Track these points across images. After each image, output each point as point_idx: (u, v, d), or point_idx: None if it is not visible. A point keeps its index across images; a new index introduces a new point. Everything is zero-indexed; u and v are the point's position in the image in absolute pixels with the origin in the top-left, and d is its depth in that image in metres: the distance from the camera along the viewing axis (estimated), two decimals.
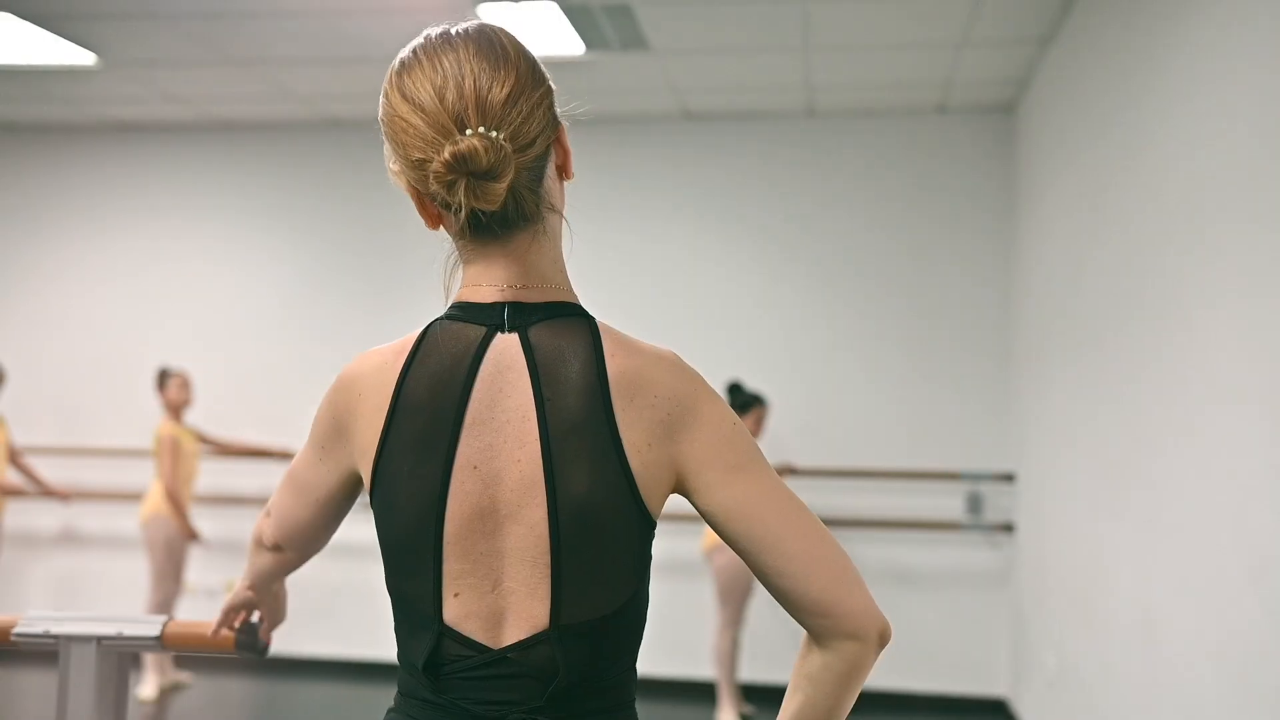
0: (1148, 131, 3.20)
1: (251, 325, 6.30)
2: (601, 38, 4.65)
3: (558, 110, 1.18)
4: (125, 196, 6.47)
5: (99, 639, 1.53)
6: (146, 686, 5.43)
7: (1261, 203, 2.34)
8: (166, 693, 5.53)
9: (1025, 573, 5.16)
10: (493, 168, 1.07)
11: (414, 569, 1.12)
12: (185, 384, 5.53)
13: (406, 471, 1.12)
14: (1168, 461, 2.95)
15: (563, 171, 1.21)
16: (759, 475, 1.12)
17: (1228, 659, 2.48)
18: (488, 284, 1.16)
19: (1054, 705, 4.37)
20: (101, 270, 6.45)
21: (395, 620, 1.18)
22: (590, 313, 1.18)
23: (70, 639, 1.53)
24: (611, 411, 1.10)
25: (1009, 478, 5.51)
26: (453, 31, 1.16)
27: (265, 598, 1.53)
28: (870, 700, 5.62)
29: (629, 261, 5.99)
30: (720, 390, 5.57)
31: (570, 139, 1.24)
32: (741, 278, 5.93)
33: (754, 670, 5.62)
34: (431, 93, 1.09)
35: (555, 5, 4.28)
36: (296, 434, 6.08)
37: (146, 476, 6.03)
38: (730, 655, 5.14)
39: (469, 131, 1.07)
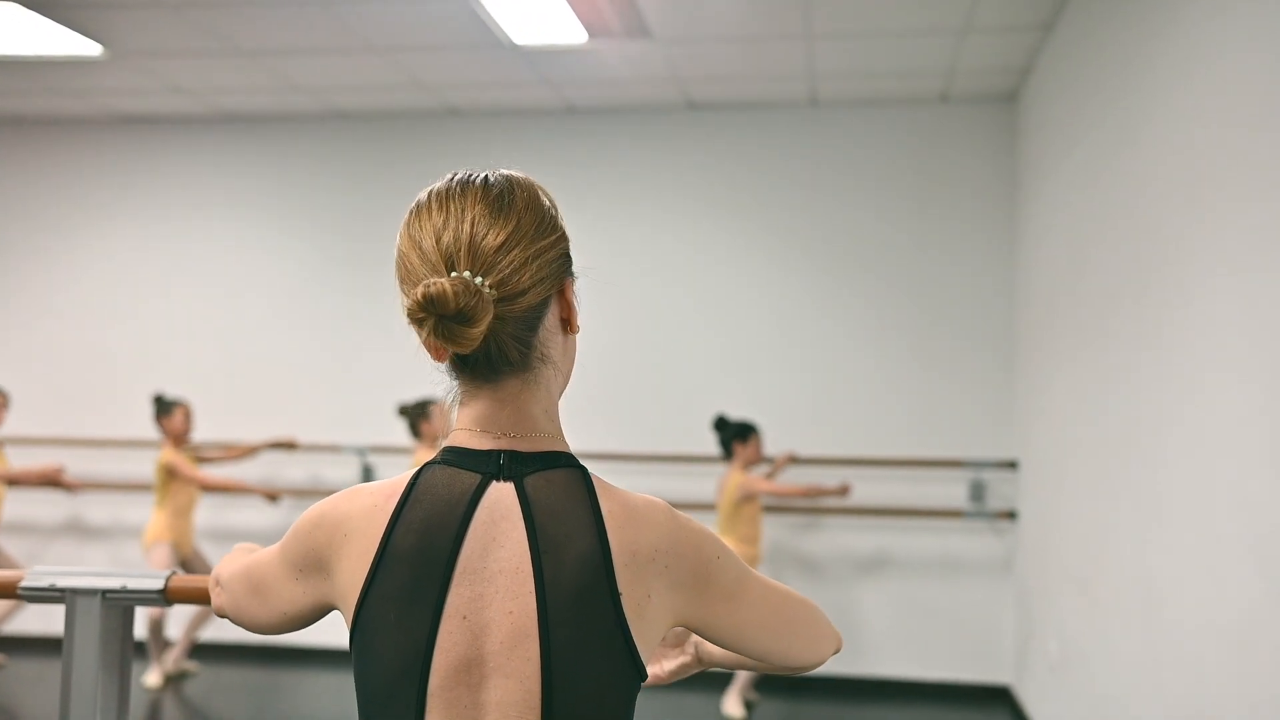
0: (1145, 116, 3.21)
1: (257, 316, 6.33)
2: (604, 25, 4.67)
3: (574, 264, 1.20)
4: (130, 188, 6.50)
5: (103, 592, 1.54)
6: (151, 675, 5.46)
7: (1257, 181, 2.35)
8: (173, 680, 5.56)
9: (1028, 559, 5.17)
10: (462, 311, 1.06)
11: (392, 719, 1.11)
12: (189, 414, 5.54)
13: (393, 620, 1.10)
14: (1168, 440, 2.96)
15: (567, 325, 1.20)
16: (745, 593, 1.20)
17: (1229, 633, 2.48)
18: (481, 429, 1.15)
19: (1057, 690, 4.38)
20: (106, 261, 6.48)
21: None
22: (583, 464, 1.17)
23: (75, 592, 1.54)
24: (611, 568, 1.09)
25: (1012, 465, 5.52)
26: (470, 177, 1.17)
27: None
28: (874, 687, 5.63)
29: (632, 252, 6.00)
30: (705, 411, 5.60)
31: (573, 127, 1.24)
32: (744, 267, 5.95)
33: None
34: (432, 234, 1.13)
35: None
36: (299, 424, 6.12)
37: (149, 467, 6.06)
38: None
39: (454, 273, 1.09)
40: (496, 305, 1.09)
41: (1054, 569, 4.51)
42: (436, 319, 1.06)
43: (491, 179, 1.17)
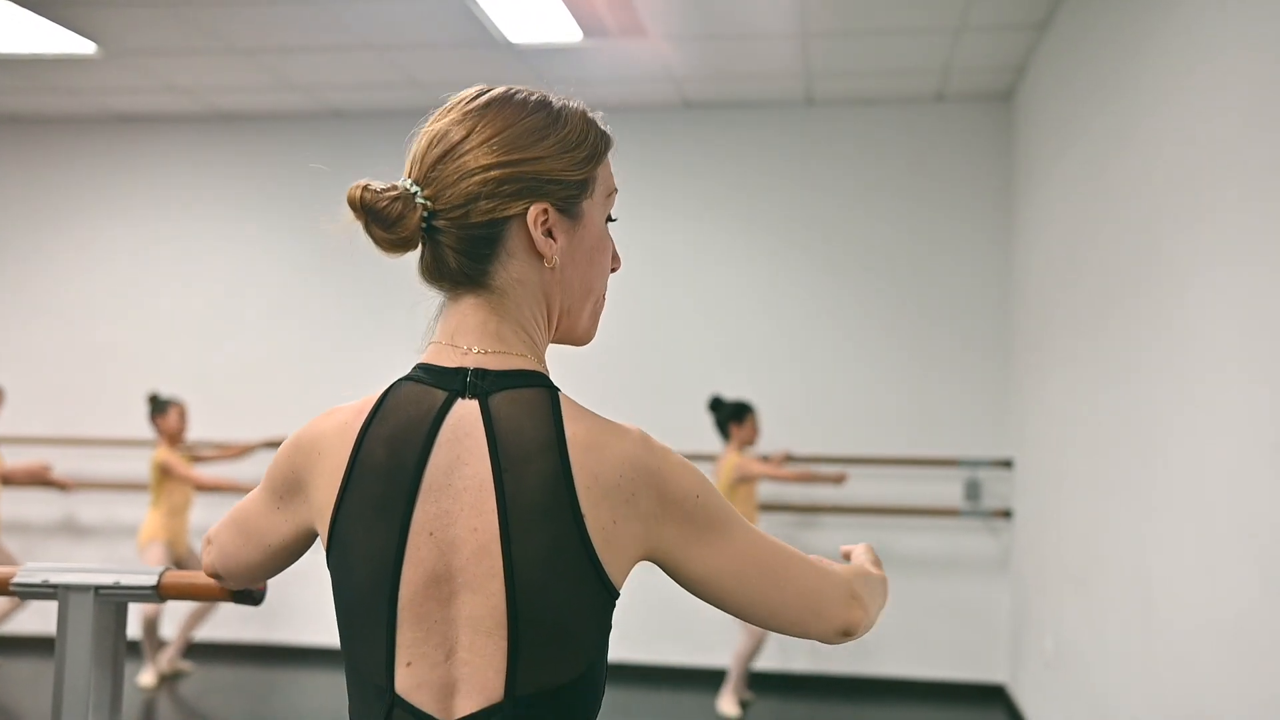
0: (1140, 114, 3.21)
1: (252, 314, 6.32)
2: (599, 24, 4.67)
3: (572, 201, 1.17)
4: (125, 187, 6.49)
5: (96, 588, 1.53)
6: (146, 674, 5.45)
7: (1252, 178, 2.35)
8: (167, 680, 5.55)
9: (1024, 558, 5.17)
10: (372, 214, 1.12)
11: (367, 635, 1.11)
12: (184, 413, 5.54)
13: (362, 534, 1.11)
14: (1164, 439, 2.96)
15: (544, 256, 1.16)
16: (726, 539, 1.13)
17: (1225, 631, 2.48)
18: (450, 343, 1.16)
19: (1052, 687, 4.38)
20: (100, 261, 6.47)
21: (349, 691, 1.15)
22: (554, 383, 1.16)
23: (68, 588, 1.53)
24: (572, 487, 1.08)
25: (1007, 464, 5.52)
26: (479, 90, 1.19)
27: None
28: (870, 686, 5.63)
29: (628, 251, 5.97)
30: (703, 409, 5.60)
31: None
32: (739, 266, 5.94)
33: (762, 658, 5.64)
34: (415, 141, 1.18)
35: None
36: (295, 422, 6.10)
37: (144, 466, 6.05)
38: (747, 656, 5.18)
39: (401, 179, 1.15)
40: (436, 217, 1.12)
41: (1050, 567, 4.51)
42: (363, 221, 1.14)
43: (493, 94, 1.18)
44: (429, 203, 1.13)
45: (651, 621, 5.77)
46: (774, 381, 5.80)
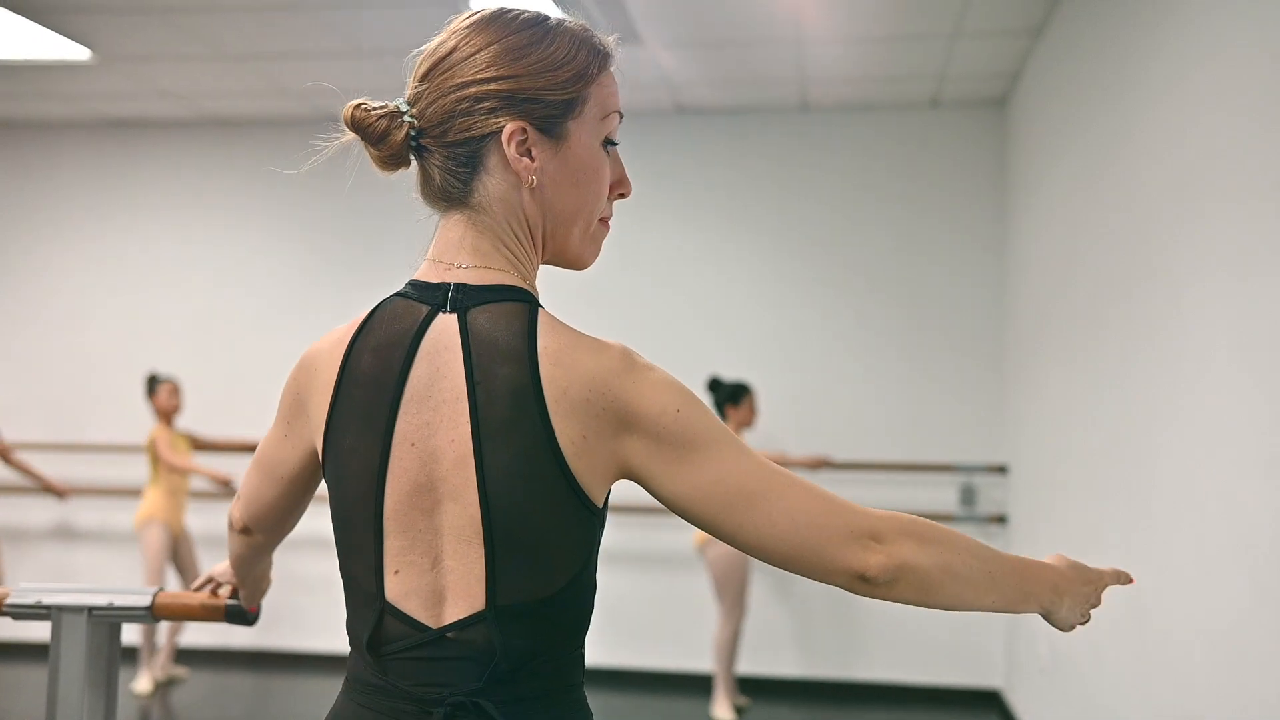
0: (1135, 120, 3.22)
1: (246, 321, 6.31)
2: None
3: (552, 120, 1.15)
4: (119, 193, 6.48)
5: (90, 609, 1.53)
6: (141, 681, 5.44)
7: (1247, 185, 2.35)
8: (163, 687, 5.54)
9: None
10: (360, 129, 1.18)
11: (357, 544, 1.14)
12: (175, 390, 5.56)
13: (350, 443, 1.14)
14: (1158, 445, 2.97)
15: (521, 180, 1.16)
16: (707, 458, 1.09)
17: (1216, 634, 2.49)
18: (436, 259, 1.18)
19: (1048, 693, 4.39)
20: (95, 266, 6.46)
21: (345, 601, 1.18)
22: (537, 299, 1.16)
23: (62, 609, 1.53)
24: (542, 399, 1.08)
25: (1002, 470, 5.53)
26: (479, 10, 1.21)
27: (245, 578, 1.53)
28: (865, 691, 5.64)
29: (621, 256, 5.99)
30: (701, 391, 5.60)
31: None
32: (734, 272, 5.95)
33: (753, 663, 5.64)
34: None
35: None
36: None
37: (140, 472, 6.04)
38: (729, 647, 5.14)
39: (397, 98, 1.19)
40: (424, 135, 1.16)
41: None
42: (356, 137, 1.20)
43: (484, 13, 1.19)
44: (416, 120, 1.17)
45: (646, 626, 5.77)
46: (769, 387, 5.80)
